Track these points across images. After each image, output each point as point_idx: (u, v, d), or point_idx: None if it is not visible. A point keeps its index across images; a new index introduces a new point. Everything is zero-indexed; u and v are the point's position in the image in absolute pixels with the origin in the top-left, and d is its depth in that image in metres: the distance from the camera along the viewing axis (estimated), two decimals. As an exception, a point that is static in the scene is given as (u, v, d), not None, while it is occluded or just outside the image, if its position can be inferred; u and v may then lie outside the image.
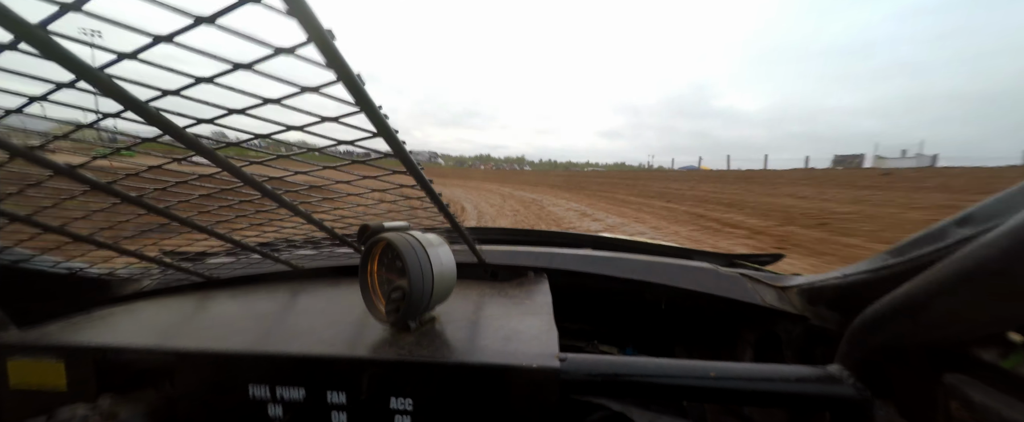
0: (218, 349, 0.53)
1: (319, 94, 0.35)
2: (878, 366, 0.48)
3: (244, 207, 0.63)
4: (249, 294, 0.78)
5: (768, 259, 1.09)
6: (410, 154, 0.47)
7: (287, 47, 0.30)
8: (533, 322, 0.62)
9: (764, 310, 0.73)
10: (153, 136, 0.39)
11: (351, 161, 0.52)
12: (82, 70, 0.30)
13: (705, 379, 0.50)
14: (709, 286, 0.79)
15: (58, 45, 0.28)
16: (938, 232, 0.48)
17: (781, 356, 0.73)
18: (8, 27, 0.26)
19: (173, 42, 0.29)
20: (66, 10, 0.27)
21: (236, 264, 0.91)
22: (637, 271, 0.85)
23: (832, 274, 0.67)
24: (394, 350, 0.51)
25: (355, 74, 0.32)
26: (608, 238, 1.22)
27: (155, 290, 0.86)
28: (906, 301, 0.42)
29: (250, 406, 0.50)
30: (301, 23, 0.27)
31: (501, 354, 0.51)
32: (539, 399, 0.48)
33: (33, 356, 0.55)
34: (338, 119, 0.40)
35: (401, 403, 0.49)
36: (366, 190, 0.62)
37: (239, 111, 0.38)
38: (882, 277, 0.54)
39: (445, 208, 0.62)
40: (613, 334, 1.00)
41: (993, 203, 0.43)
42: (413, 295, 0.52)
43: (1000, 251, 0.32)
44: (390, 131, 0.41)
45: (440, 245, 0.57)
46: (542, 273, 0.89)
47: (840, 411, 0.50)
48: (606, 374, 0.51)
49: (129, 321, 0.66)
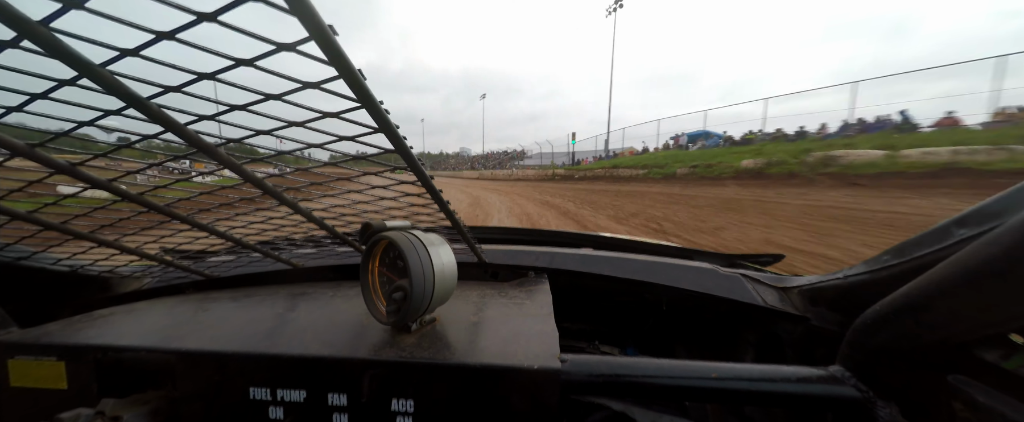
0: (219, 349, 0.53)
1: (321, 90, 0.35)
2: (880, 367, 0.48)
3: (245, 205, 0.63)
4: (250, 293, 0.78)
5: (769, 259, 1.08)
6: (411, 150, 0.47)
7: (288, 43, 0.30)
8: (534, 323, 0.61)
9: (765, 310, 0.73)
10: (155, 133, 0.39)
11: (352, 158, 0.52)
12: (84, 67, 0.30)
13: (706, 380, 0.50)
14: (710, 286, 0.79)
15: (60, 42, 0.28)
16: (939, 232, 0.48)
17: (782, 357, 0.73)
18: (10, 24, 0.26)
19: (175, 39, 0.29)
20: (68, 7, 0.27)
21: (237, 263, 0.91)
22: (638, 271, 0.85)
23: (833, 275, 0.67)
24: (395, 351, 0.51)
25: (357, 70, 0.32)
26: (609, 238, 1.21)
27: (156, 288, 0.86)
28: (907, 301, 0.42)
29: (251, 407, 0.50)
30: (302, 20, 0.27)
31: (502, 355, 0.51)
32: (540, 400, 0.48)
33: (34, 355, 0.55)
34: (339, 115, 0.40)
35: (402, 405, 0.49)
36: (367, 187, 0.62)
37: (240, 107, 0.38)
38: (883, 277, 0.54)
39: (446, 206, 0.62)
40: (614, 334, 1.00)
41: (994, 203, 0.43)
42: (414, 295, 0.51)
43: (1001, 251, 0.32)
44: (392, 127, 0.41)
45: (441, 245, 0.57)
46: (543, 273, 0.88)
47: (842, 412, 0.49)
48: (607, 375, 0.51)
49: (130, 321, 0.66)
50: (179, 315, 0.68)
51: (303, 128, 0.43)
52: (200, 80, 0.34)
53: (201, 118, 0.40)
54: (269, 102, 0.37)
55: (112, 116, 0.37)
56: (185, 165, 0.51)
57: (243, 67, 0.33)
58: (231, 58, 0.32)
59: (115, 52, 0.31)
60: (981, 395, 0.40)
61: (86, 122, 0.39)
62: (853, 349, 0.51)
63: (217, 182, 0.52)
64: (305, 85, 0.35)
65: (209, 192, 0.59)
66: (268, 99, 0.37)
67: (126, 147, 0.46)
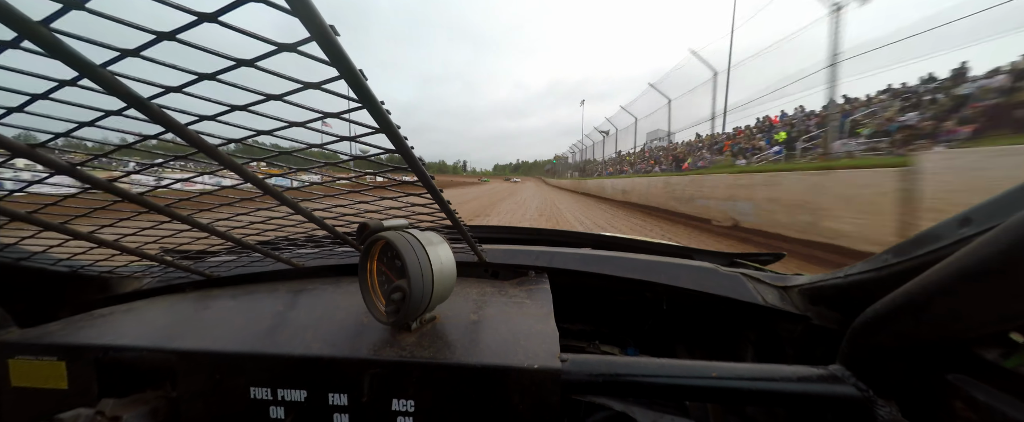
0: (219, 349, 0.53)
1: (322, 90, 0.35)
2: (880, 365, 0.48)
3: (245, 205, 0.63)
4: (250, 293, 0.78)
5: (769, 258, 1.09)
6: (412, 150, 0.47)
7: (290, 44, 0.30)
8: (534, 322, 0.61)
9: (765, 310, 0.73)
10: (155, 133, 0.39)
11: (353, 158, 0.52)
12: (85, 67, 0.30)
13: (707, 379, 0.50)
14: (710, 286, 0.79)
15: (61, 42, 0.28)
16: (939, 231, 0.48)
17: (782, 356, 0.73)
18: (11, 25, 0.26)
19: (176, 39, 0.29)
20: (69, 7, 0.27)
21: (237, 263, 0.91)
22: (638, 270, 0.85)
23: (833, 274, 0.67)
24: (395, 351, 0.51)
25: (358, 70, 0.32)
26: (609, 237, 1.21)
27: (156, 288, 0.86)
28: (907, 300, 0.42)
29: (252, 407, 0.50)
30: (304, 20, 0.27)
31: (503, 355, 0.51)
32: (541, 400, 0.48)
33: (34, 355, 0.55)
34: (340, 115, 0.40)
35: (403, 405, 0.49)
36: (367, 187, 0.62)
37: (241, 108, 0.38)
38: (883, 276, 0.54)
39: (446, 205, 0.62)
40: (614, 334, 1.00)
41: (993, 203, 0.43)
42: (413, 295, 0.51)
43: (1001, 250, 0.32)
44: (392, 127, 0.41)
45: (439, 244, 0.57)
46: (543, 272, 0.88)
47: (842, 411, 0.49)
48: (607, 374, 0.51)
49: (130, 320, 0.66)
50: (179, 314, 0.68)
51: (304, 128, 0.43)
52: (201, 80, 0.34)
53: (202, 118, 0.40)
54: (270, 102, 0.37)
55: (113, 116, 0.37)
56: (186, 165, 0.51)
57: (244, 67, 0.33)
58: (232, 59, 0.32)
59: (116, 52, 0.31)
60: (981, 394, 0.40)
61: (87, 122, 0.39)
62: (853, 348, 0.51)
63: (210, 170, 0.51)
64: (306, 85, 0.35)
65: (209, 192, 0.59)
66: (269, 99, 0.37)
67: (126, 147, 0.46)
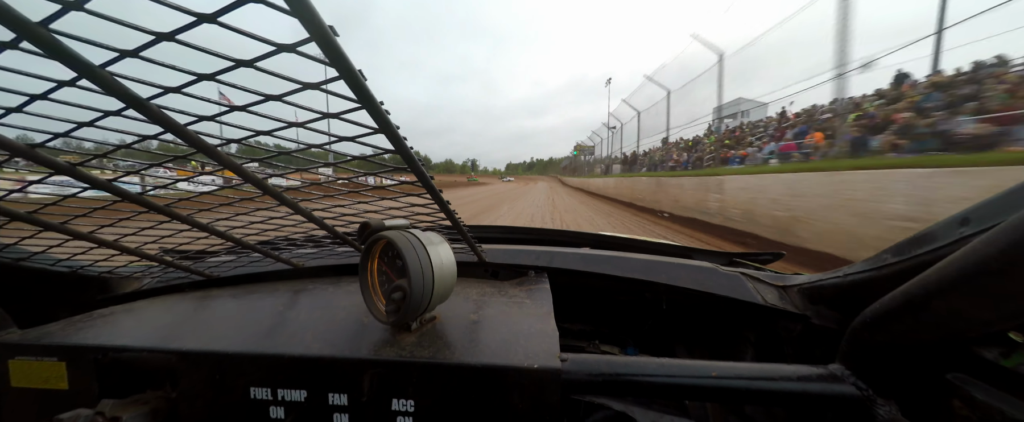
0: (219, 349, 0.53)
1: (321, 90, 0.35)
2: (879, 365, 0.48)
3: (245, 205, 0.63)
4: (250, 293, 0.78)
5: (769, 258, 1.09)
6: (411, 151, 0.47)
7: (289, 44, 0.30)
8: (534, 322, 0.61)
9: (765, 309, 0.73)
10: (155, 133, 0.39)
11: (352, 158, 0.52)
12: (84, 68, 0.30)
13: (707, 378, 0.50)
14: (710, 285, 0.79)
15: (60, 43, 0.28)
16: (939, 231, 0.48)
17: (782, 355, 0.73)
18: (10, 25, 0.26)
19: (175, 40, 0.29)
20: (68, 8, 0.27)
21: (237, 263, 0.91)
22: (638, 270, 0.85)
23: (833, 273, 0.67)
24: (395, 350, 0.51)
25: (357, 70, 0.32)
26: (609, 237, 1.22)
27: (155, 288, 0.86)
28: (907, 300, 0.42)
29: (252, 407, 0.50)
30: (303, 21, 0.27)
31: (503, 355, 0.51)
32: (541, 400, 0.48)
33: (34, 356, 0.55)
34: (340, 115, 0.40)
35: (403, 404, 0.49)
36: (367, 187, 0.62)
37: (241, 108, 0.38)
38: (883, 276, 0.54)
39: (446, 205, 0.62)
40: (614, 334, 1.00)
41: (993, 202, 0.43)
42: (414, 294, 0.51)
43: (1000, 250, 0.32)
44: (392, 127, 0.41)
45: (440, 244, 0.57)
46: (543, 272, 0.89)
47: (841, 410, 0.50)
48: (607, 374, 0.51)
49: (130, 321, 0.66)
50: (179, 314, 0.68)
51: (304, 129, 0.43)
52: (200, 81, 0.34)
53: (201, 119, 0.40)
54: (270, 103, 0.37)
55: (112, 117, 0.37)
56: (185, 165, 0.51)
57: (243, 68, 0.33)
58: (231, 59, 0.32)
59: (115, 53, 0.31)
60: (980, 393, 0.41)
61: (86, 123, 0.39)
62: (852, 347, 0.51)
63: (209, 170, 0.51)
64: (306, 86, 0.35)
65: (209, 192, 0.59)
66: (268, 100, 0.37)
67: (126, 147, 0.46)
